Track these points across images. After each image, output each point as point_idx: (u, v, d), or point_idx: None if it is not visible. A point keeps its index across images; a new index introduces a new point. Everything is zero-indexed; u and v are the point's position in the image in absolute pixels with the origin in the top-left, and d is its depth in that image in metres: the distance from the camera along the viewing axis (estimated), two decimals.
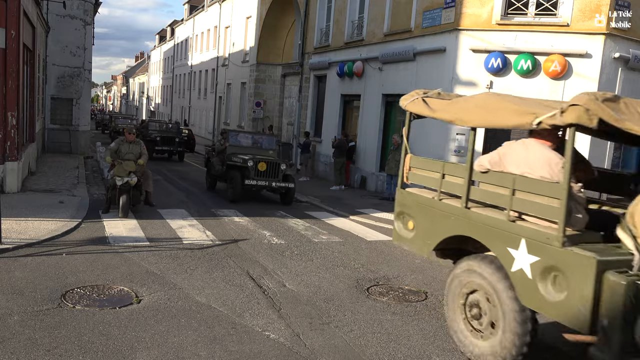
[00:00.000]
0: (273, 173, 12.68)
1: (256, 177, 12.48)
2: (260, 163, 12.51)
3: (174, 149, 23.15)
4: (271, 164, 12.71)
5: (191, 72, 42.16)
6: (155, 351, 4.55)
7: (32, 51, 14.80)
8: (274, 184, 12.67)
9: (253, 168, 12.45)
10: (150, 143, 21.61)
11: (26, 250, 7.27)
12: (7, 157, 11.03)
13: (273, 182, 12.66)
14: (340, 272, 7.41)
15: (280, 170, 12.73)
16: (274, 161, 12.86)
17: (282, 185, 12.80)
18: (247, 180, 12.37)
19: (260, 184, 12.53)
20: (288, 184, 12.84)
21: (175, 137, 23.38)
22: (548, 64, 12.46)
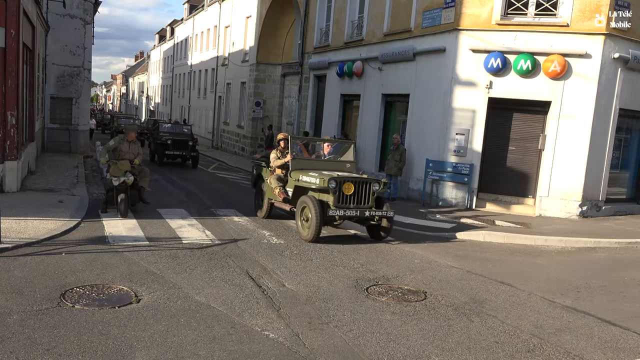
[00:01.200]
0: (363, 197, 9.21)
1: (342, 203, 9.01)
2: (346, 184, 9.02)
3: (188, 153, 20.65)
4: (360, 183, 9.20)
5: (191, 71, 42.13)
6: (155, 350, 4.55)
7: (31, 50, 14.80)
8: (367, 213, 9.10)
9: (336, 191, 8.97)
10: (161, 146, 20.39)
11: (25, 249, 7.27)
12: (6, 157, 11.03)
13: (366, 211, 9.11)
14: (339, 271, 7.41)
15: (372, 192, 9.25)
16: (364, 180, 9.28)
17: (377, 214, 9.20)
18: (331, 209, 8.92)
19: (349, 214, 9.00)
20: (387, 212, 9.22)
21: (189, 140, 20.96)
22: (548, 64, 12.46)
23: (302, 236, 9.07)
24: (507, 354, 5.00)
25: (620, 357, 5.11)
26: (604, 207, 13.31)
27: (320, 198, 9.11)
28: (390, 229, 9.42)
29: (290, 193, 9.96)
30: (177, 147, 20.37)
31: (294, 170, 9.88)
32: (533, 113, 13.23)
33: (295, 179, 9.77)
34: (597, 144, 12.80)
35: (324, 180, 8.96)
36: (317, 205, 8.77)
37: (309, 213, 8.88)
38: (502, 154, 13.62)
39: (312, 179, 9.35)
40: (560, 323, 5.91)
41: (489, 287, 7.14)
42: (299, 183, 9.66)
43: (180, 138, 20.73)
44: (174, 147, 20.32)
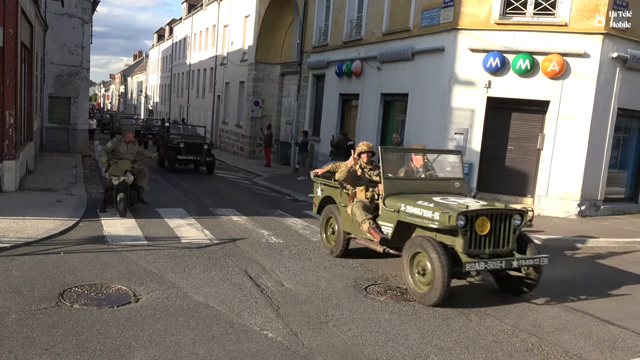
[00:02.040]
0: (502, 237, 6.44)
1: (474, 248, 6.30)
2: (479, 219, 6.28)
3: (202, 158, 18.34)
4: (497, 218, 6.41)
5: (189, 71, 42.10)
6: (153, 350, 4.55)
7: (30, 49, 14.77)
8: (515, 263, 6.33)
9: (467, 231, 6.22)
10: (172, 150, 18.05)
11: (24, 249, 7.26)
12: (4, 156, 11.01)
13: (513, 261, 6.32)
14: (338, 271, 7.41)
15: (512, 229, 6.50)
16: (503, 212, 6.48)
17: (527, 264, 6.51)
18: (462, 260, 6.16)
19: (492, 266, 6.22)
20: (539, 259, 6.50)
21: (203, 143, 18.77)
22: (546, 63, 12.47)
23: (417, 295, 6.30)
24: (505, 353, 5.01)
25: (619, 356, 5.12)
26: (603, 207, 13.32)
27: (439, 239, 6.35)
28: (537, 281, 6.65)
29: (386, 228, 7.17)
30: (190, 151, 18.12)
31: (390, 197, 7.11)
32: (532, 112, 13.24)
33: (393, 209, 6.93)
34: (596, 143, 12.81)
35: (448, 216, 6.17)
36: (442, 254, 6.00)
37: (428, 263, 6.16)
38: (501, 153, 13.63)
39: (426, 212, 6.50)
40: (558, 322, 5.91)
41: (488, 286, 7.14)
42: (402, 217, 6.79)
43: (194, 141, 18.57)
44: (187, 152, 18.02)
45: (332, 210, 8.39)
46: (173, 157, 18.03)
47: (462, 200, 6.79)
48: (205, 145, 18.56)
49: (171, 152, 18.14)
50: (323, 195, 8.75)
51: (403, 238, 6.89)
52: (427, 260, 6.18)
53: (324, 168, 8.56)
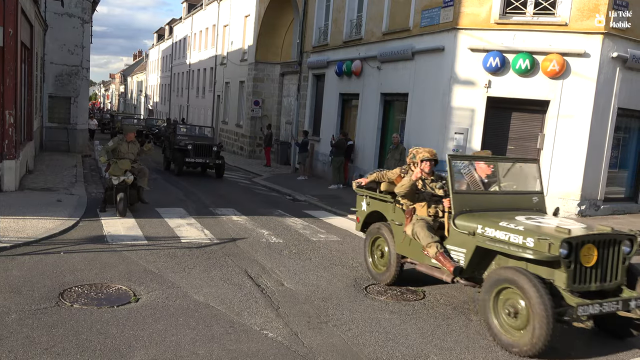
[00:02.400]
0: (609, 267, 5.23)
1: (582, 280, 5.07)
2: (584, 247, 5.09)
3: (211, 161, 17.26)
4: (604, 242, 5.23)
5: (189, 70, 42.09)
6: (153, 350, 4.55)
7: (29, 49, 14.77)
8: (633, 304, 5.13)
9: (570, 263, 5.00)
10: (179, 153, 17.11)
11: (24, 248, 7.26)
12: (4, 156, 11.02)
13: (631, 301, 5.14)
14: (338, 271, 7.41)
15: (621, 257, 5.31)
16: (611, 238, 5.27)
17: None
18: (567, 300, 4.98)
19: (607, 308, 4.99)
20: None
21: (212, 145, 17.56)
22: (546, 63, 12.47)
23: (504, 342, 5.08)
24: (505, 353, 5.01)
25: (619, 356, 5.12)
26: (603, 207, 13.32)
27: (531, 271, 5.07)
28: None
29: (456, 254, 5.88)
30: (199, 154, 17.06)
31: (461, 215, 5.91)
32: (532, 112, 13.23)
33: (467, 231, 5.72)
34: (596, 143, 12.81)
35: (548, 243, 4.95)
36: (543, 292, 4.75)
37: (521, 302, 4.93)
38: (501, 153, 13.58)
39: (514, 237, 5.26)
40: None
41: None
42: (481, 241, 5.49)
43: (202, 142, 17.48)
44: (195, 154, 17.00)
45: (382, 230, 7.03)
46: (180, 159, 17.03)
47: (555, 222, 5.59)
48: (214, 147, 17.41)
49: (178, 155, 17.12)
50: (369, 211, 7.36)
51: (480, 267, 5.74)
52: (519, 298, 4.91)
53: (368, 177, 7.26)
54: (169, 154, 18.37)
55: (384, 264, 7.05)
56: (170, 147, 18.23)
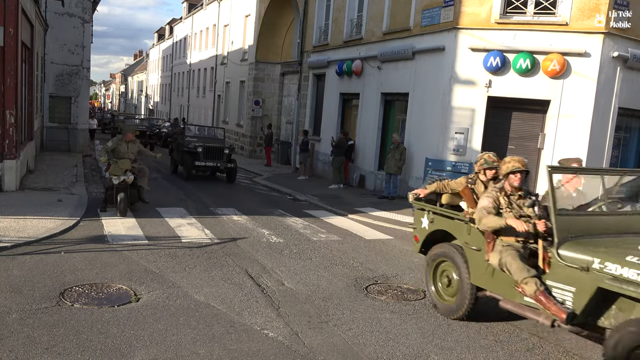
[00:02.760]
0: None
1: None
2: None
3: (222, 165, 16.27)
4: None
5: (190, 70, 42.09)
6: (154, 349, 4.55)
7: (30, 49, 14.78)
8: None
9: None
10: (189, 155, 16.09)
11: (24, 248, 7.26)
12: (5, 156, 11.02)
13: None
14: (338, 270, 7.41)
15: None
16: None
17: None
18: None
19: None
20: None
21: (224, 147, 16.60)
22: (547, 63, 12.46)
23: None
24: (506, 352, 5.01)
25: None
26: None
27: None
28: None
29: (560, 292, 4.69)
30: (209, 157, 16.12)
31: (568, 244, 4.71)
32: (532, 112, 13.23)
33: (579, 265, 4.51)
34: (596, 142, 12.80)
35: None
36: None
37: None
38: (502, 153, 13.57)
39: None
40: None
41: None
42: (602, 280, 4.34)
43: (212, 145, 16.44)
44: (205, 157, 16.03)
45: (450, 253, 5.87)
46: (190, 163, 16.02)
47: None
48: (225, 150, 16.47)
49: (187, 157, 16.12)
50: (433, 229, 6.18)
51: (599, 312, 4.50)
52: None
53: (427, 187, 6.26)
54: (177, 157, 17.30)
55: (452, 294, 5.86)
56: (178, 149, 17.26)
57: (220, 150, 16.37)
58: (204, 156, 15.96)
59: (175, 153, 17.75)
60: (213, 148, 16.23)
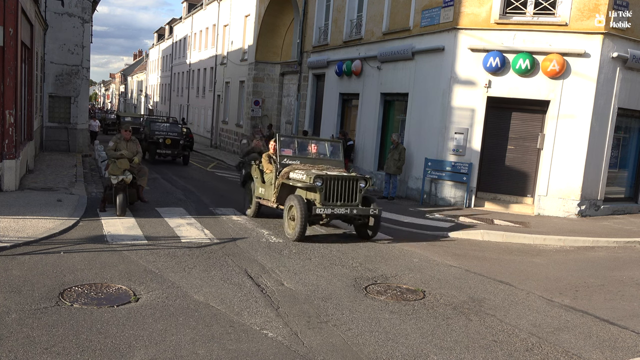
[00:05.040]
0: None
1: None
2: None
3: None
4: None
5: (189, 70, 42.09)
6: (153, 349, 4.55)
7: (30, 49, 14.77)
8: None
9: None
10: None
11: (24, 248, 7.26)
12: (4, 155, 11.01)
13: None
14: (338, 270, 7.41)
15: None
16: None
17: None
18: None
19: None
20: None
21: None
22: (546, 63, 12.47)
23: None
24: (505, 352, 5.01)
25: (619, 355, 5.12)
26: (603, 207, 13.32)
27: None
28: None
29: None
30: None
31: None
32: (532, 112, 13.24)
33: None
34: (596, 143, 12.82)
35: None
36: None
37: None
38: (501, 153, 13.63)
39: None
40: (558, 322, 5.91)
41: (488, 286, 7.15)
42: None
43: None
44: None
45: None
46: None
47: None
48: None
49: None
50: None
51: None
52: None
53: None
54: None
55: None
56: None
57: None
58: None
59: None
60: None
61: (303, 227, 8.70)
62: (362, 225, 9.50)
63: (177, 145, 21.10)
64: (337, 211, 8.91)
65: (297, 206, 8.72)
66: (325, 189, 8.91)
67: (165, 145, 20.87)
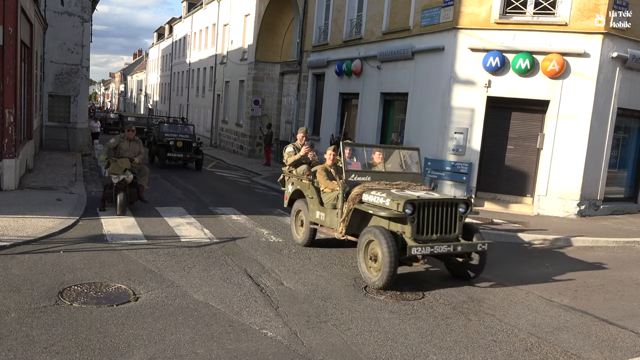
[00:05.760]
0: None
1: None
2: None
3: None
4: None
5: (189, 69, 42.07)
6: (153, 349, 4.55)
7: (29, 48, 14.77)
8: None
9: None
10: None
11: (23, 247, 7.26)
12: (4, 155, 11.01)
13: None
14: (337, 270, 7.41)
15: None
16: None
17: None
18: None
19: None
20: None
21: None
22: (546, 63, 12.47)
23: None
24: (505, 352, 5.01)
25: (618, 355, 5.12)
26: (602, 206, 13.32)
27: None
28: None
29: None
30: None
31: None
32: (531, 112, 13.24)
33: None
34: (596, 143, 12.82)
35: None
36: None
37: None
38: (501, 153, 13.63)
39: None
40: (557, 322, 5.92)
41: (487, 286, 7.15)
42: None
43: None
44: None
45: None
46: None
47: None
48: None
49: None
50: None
51: None
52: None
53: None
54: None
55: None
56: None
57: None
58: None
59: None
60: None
61: (392, 272, 6.40)
62: (460, 264, 7.27)
63: (190, 148, 19.31)
64: (437, 249, 6.64)
65: (384, 244, 6.44)
66: (418, 219, 6.77)
67: (176, 148, 19.07)
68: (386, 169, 8.18)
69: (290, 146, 9.40)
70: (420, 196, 6.87)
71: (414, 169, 8.39)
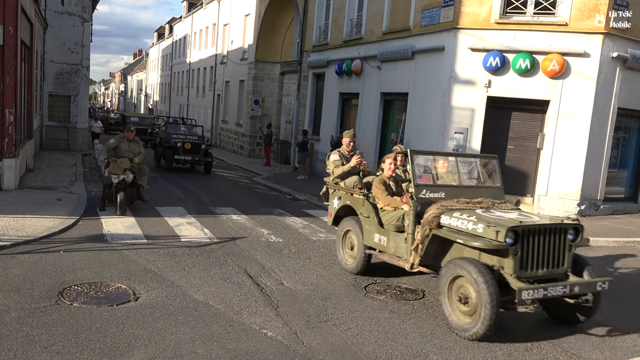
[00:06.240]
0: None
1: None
2: None
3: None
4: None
5: (189, 69, 42.06)
6: (153, 348, 4.55)
7: (29, 48, 14.77)
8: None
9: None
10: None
11: (23, 247, 7.26)
12: (4, 154, 11.01)
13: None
14: (337, 270, 7.41)
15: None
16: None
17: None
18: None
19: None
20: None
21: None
22: (546, 63, 12.47)
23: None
24: (505, 352, 5.01)
25: (618, 355, 5.12)
26: (602, 206, 13.32)
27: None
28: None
29: None
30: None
31: None
32: (532, 112, 13.24)
33: None
34: (596, 143, 12.81)
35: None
36: None
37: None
38: (501, 153, 13.61)
39: None
40: (557, 322, 5.91)
41: None
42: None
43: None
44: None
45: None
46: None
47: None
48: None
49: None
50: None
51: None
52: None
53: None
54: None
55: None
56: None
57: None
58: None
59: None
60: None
61: (494, 319, 5.05)
62: (569, 306, 5.79)
63: (198, 151, 18.04)
64: (551, 292, 5.19)
65: (482, 284, 5.06)
66: (522, 250, 5.30)
67: (184, 150, 17.78)
68: (462, 182, 6.69)
69: (335, 153, 7.79)
70: (522, 221, 5.35)
71: (492, 182, 6.90)
